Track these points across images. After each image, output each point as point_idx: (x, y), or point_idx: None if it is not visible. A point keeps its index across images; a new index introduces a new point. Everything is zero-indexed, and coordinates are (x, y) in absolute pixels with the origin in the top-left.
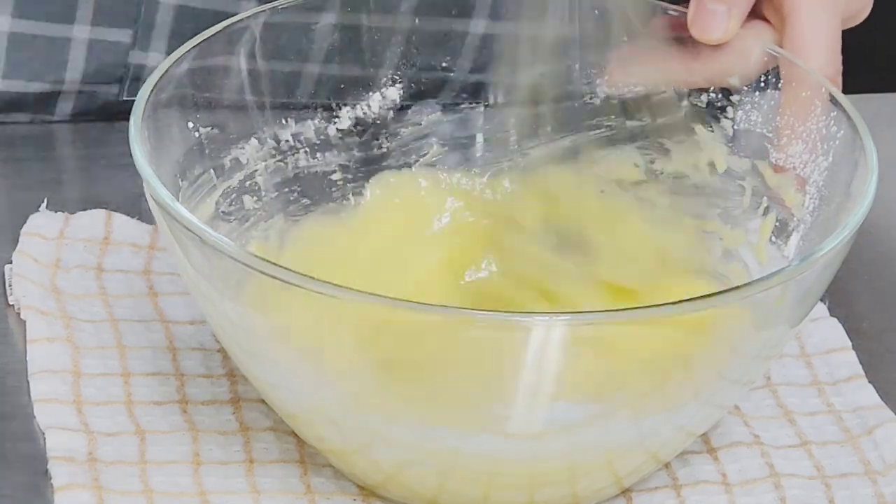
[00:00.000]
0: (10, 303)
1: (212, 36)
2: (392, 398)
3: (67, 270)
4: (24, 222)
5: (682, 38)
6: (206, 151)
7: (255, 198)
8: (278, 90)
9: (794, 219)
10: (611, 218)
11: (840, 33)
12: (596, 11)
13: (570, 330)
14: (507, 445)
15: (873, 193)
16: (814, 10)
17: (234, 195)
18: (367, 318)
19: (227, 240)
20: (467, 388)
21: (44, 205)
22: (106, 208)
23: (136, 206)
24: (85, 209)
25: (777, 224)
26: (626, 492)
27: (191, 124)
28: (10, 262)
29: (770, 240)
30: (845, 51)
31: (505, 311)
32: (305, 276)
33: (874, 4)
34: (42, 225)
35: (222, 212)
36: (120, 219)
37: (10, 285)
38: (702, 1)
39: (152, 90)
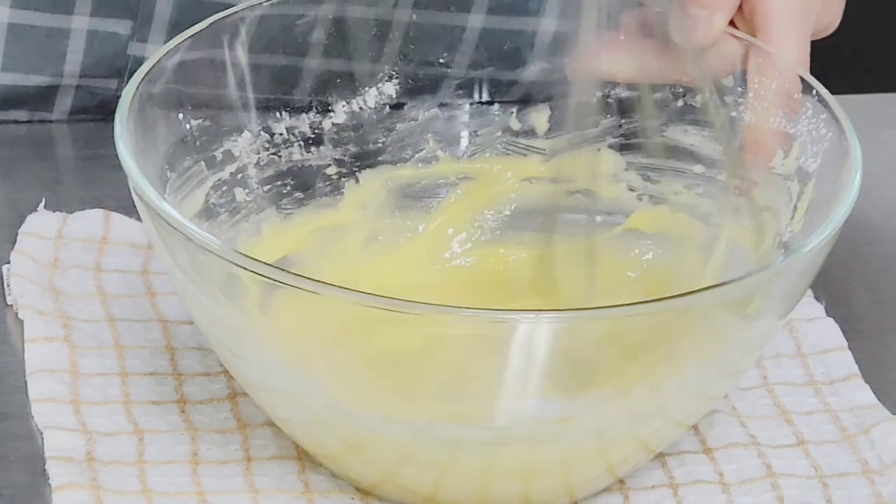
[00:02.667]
0: (9, 303)
1: (203, 30)
2: (384, 396)
3: (65, 270)
4: (23, 222)
5: (654, 34)
6: (197, 143)
7: (246, 190)
8: (273, 84)
9: (784, 218)
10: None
11: (809, 47)
12: None
13: (554, 327)
14: (499, 439)
15: (857, 191)
16: (785, 25)
17: (224, 188)
18: (358, 316)
19: (213, 237)
20: (457, 385)
21: (42, 204)
22: (104, 208)
23: (135, 206)
24: (83, 209)
25: (769, 220)
26: (623, 489)
27: (181, 116)
28: (9, 262)
29: (764, 236)
30: (844, 50)
31: (492, 309)
32: (295, 274)
33: (875, 5)
34: (40, 225)
35: (212, 204)
36: (118, 218)
37: (8, 285)
38: (685, 6)
39: (139, 85)
